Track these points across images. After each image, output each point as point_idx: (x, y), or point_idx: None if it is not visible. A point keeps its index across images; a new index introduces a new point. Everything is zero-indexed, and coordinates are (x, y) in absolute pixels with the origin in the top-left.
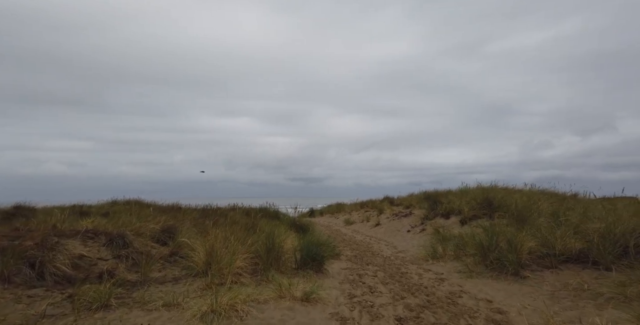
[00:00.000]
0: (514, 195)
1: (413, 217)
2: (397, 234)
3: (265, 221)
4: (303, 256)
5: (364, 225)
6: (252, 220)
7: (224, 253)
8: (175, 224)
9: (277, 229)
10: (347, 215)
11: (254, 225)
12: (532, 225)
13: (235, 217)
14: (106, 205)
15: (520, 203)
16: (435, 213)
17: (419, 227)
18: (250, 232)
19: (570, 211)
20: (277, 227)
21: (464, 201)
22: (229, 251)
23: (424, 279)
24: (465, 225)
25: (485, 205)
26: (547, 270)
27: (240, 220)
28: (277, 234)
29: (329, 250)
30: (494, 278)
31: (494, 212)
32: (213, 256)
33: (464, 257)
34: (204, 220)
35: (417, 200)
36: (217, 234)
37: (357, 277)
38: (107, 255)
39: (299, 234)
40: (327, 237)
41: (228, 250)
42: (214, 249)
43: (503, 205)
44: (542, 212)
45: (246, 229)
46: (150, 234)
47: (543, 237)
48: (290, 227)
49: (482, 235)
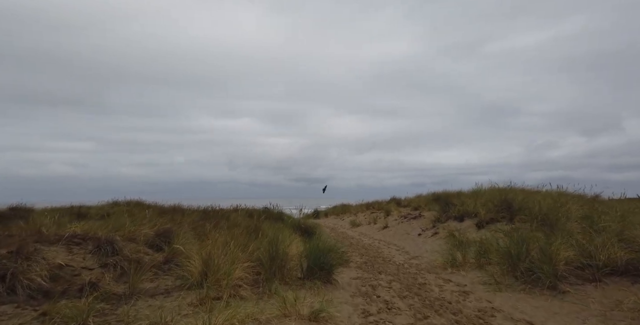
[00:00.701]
0: (536, 197)
1: (423, 219)
2: (407, 237)
3: (269, 224)
4: (310, 265)
5: (370, 227)
6: (255, 222)
7: (222, 261)
8: (172, 227)
9: (281, 232)
10: (352, 216)
11: (256, 228)
12: (562, 230)
13: (237, 219)
14: (106, 207)
15: (545, 206)
16: (447, 215)
17: (431, 230)
18: (252, 237)
19: (604, 215)
20: (282, 230)
21: (479, 203)
22: (227, 259)
23: (446, 292)
24: (482, 229)
25: (503, 208)
26: (589, 284)
27: (242, 222)
28: (282, 239)
29: (338, 256)
30: (526, 292)
31: (514, 215)
32: (210, 265)
33: (488, 266)
34: (204, 223)
35: (426, 201)
36: (216, 239)
37: (370, 289)
38: (93, 263)
39: (304, 238)
40: (334, 242)
41: (227, 258)
42: (211, 257)
43: (524, 207)
44: (570, 216)
45: (248, 232)
46: (145, 239)
47: (580, 246)
48: (295, 230)
49: (506, 241)
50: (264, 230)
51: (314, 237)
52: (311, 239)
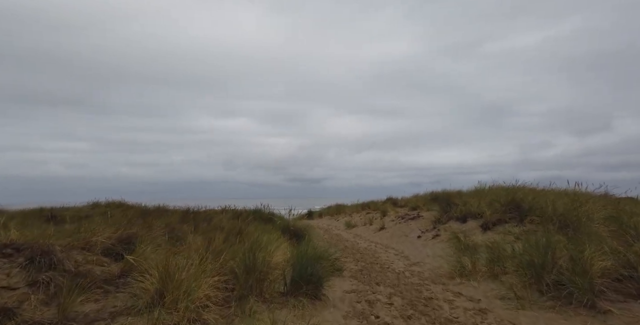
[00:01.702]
0: (547, 196)
1: (422, 220)
2: (405, 240)
3: (257, 226)
4: (294, 277)
5: (366, 228)
6: (240, 225)
7: (186, 276)
8: (139, 232)
9: (267, 236)
10: (347, 217)
11: (240, 231)
12: (589, 234)
13: (222, 221)
14: (85, 208)
15: (561, 205)
16: (448, 216)
17: (431, 232)
18: (233, 241)
19: (636, 216)
20: (268, 233)
21: (483, 203)
22: (194, 272)
23: (459, 310)
24: (488, 231)
25: (511, 208)
26: (635, 301)
27: (227, 225)
28: (265, 244)
29: (329, 264)
30: (557, 311)
31: (524, 216)
32: (168, 281)
33: (503, 276)
34: (182, 226)
35: (424, 201)
36: (189, 245)
37: (366, 307)
38: (20, 281)
39: (293, 242)
40: (326, 248)
41: (195, 270)
42: (170, 270)
43: (535, 208)
44: (592, 217)
45: (231, 236)
46: (102, 247)
47: (617, 253)
48: (284, 233)
49: (520, 246)
50: (249, 234)
51: (304, 241)
52: (301, 243)
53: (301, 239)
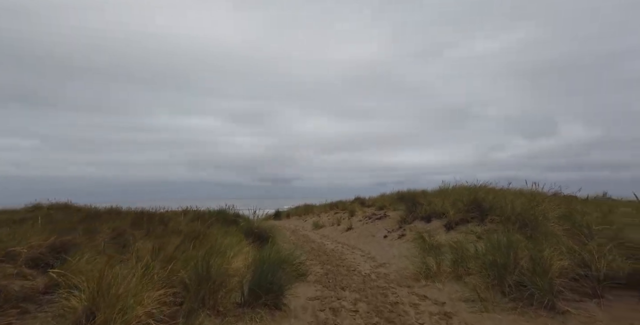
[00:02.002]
0: (507, 196)
1: (388, 220)
2: (372, 240)
3: (219, 228)
4: (253, 286)
5: (334, 229)
6: (199, 228)
7: (124, 290)
8: (76, 238)
9: (228, 239)
10: (316, 217)
11: (199, 235)
12: (546, 233)
13: (180, 224)
14: (23, 211)
15: (519, 205)
16: (414, 216)
17: (397, 231)
18: (191, 246)
19: (587, 215)
20: (231, 236)
21: (447, 202)
22: (137, 285)
23: (424, 315)
24: (451, 230)
25: (473, 208)
26: (590, 301)
27: (185, 228)
28: (224, 249)
29: (293, 269)
30: (519, 312)
31: (485, 215)
32: (101, 298)
33: (467, 277)
34: (132, 231)
35: (390, 201)
36: (136, 251)
37: (330, 316)
38: None
39: (257, 245)
40: (291, 250)
41: (140, 282)
42: (104, 285)
43: (495, 207)
44: (547, 216)
45: (189, 240)
46: (30, 256)
47: (572, 252)
48: (247, 235)
49: (482, 246)
50: (209, 238)
51: (268, 245)
52: (265, 246)
53: (266, 242)
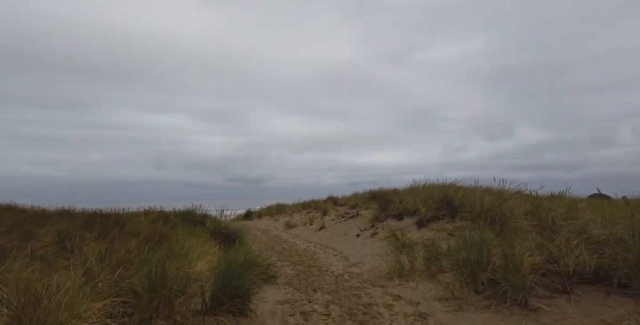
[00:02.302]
0: (475, 193)
1: (361, 218)
2: (345, 239)
3: (184, 229)
4: (215, 292)
5: (306, 228)
6: (161, 229)
7: (61, 301)
8: (10, 242)
9: (193, 241)
10: (288, 217)
11: (161, 236)
12: (515, 229)
13: (139, 225)
14: None
15: (487, 202)
16: (386, 214)
17: (370, 230)
18: (151, 248)
19: (551, 212)
20: (197, 237)
21: (418, 200)
22: (75, 295)
23: (399, 316)
24: (423, 228)
25: (444, 205)
26: (560, 297)
27: (145, 230)
28: (187, 251)
29: (262, 271)
30: (493, 310)
31: (456, 212)
32: (28, 312)
33: (441, 275)
34: (84, 233)
35: (363, 199)
36: (84, 255)
37: (300, 321)
38: None
39: (224, 247)
40: (261, 251)
41: (81, 291)
42: (35, 296)
43: (465, 204)
44: (514, 213)
45: (149, 242)
46: None
47: (541, 247)
48: (214, 236)
49: (453, 242)
50: (172, 239)
51: (235, 246)
52: (233, 248)
53: (234, 243)
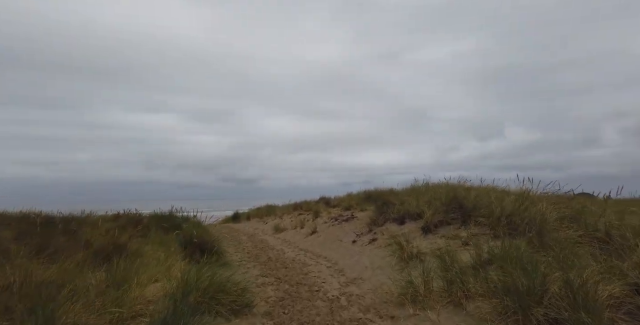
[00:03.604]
0: (492, 194)
1: (357, 221)
2: (339, 246)
3: (155, 236)
4: None
5: (297, 232)
6: (117, 238)
7: None
8: None
9: (160, 252)
10: (278, 219)
11: (117, 248)
12: (554, 240)
13: (96, 233)
14: None
15: (509, 205)
16: (385, 217)
17: (367, 235)
18: (100, 263)
19: (601, 218)
20: (165, 247)
21: (422, 202)
22: None
23: None
24: (430, 234)
25: (454, 208)
26: None
27: (100, 239)
28: (135, 271)
29: (233, 298)
30: None
31: (468, 216)
32: None
33: (469, 303)
34: (19, 244)
35: (357, 200)
36: None
37: None
38: None
39: (197, 258)
40: (236, 268)
41: None
42: None
43: (480, 207)
44: (546, 218)
45: (99, 255)
46: None
47: (612, 271)
48: (185, 246)
49: (489, 257)
50: (134, 250)
51: (208, 259)
52: (203, 262)
53: (210, 254)
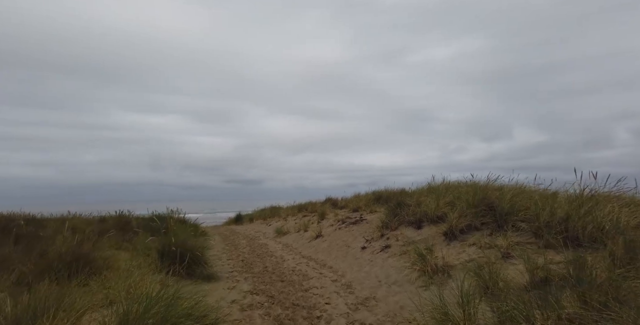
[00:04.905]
0: (533, 195)
1: (366, 224)
2: (346, 253)
3: (138, 241)
4: None
5: (300, 236)
6: (78, 247)
7: None
8: None
9: (135, 261)
10: (282, 221)
11: (77, 259)
12: None
13: (59, 240)
14: None
15: (561, 208)
16: (399, 220)
17: (379, 241)
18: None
19: None
20: (141, 256)
21: (442, 203)
22: None
23: None
24: (455, 240)
25: (484, 210)
26: None
27: (62, 247)
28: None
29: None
30: None
31: (504, 221)
32: None
33: None
34: None
35: (366, 201)
36: None
37: None
38: None
39: (178, 269)
40: (211, 290)
41: None
42: None
43: (518, 210)
44: (620, 225)
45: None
46: None
47: None
48: (163, 256)
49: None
50: (104, 260)
51: (195, 267)
52: (189, 270)
53: (195, 264)
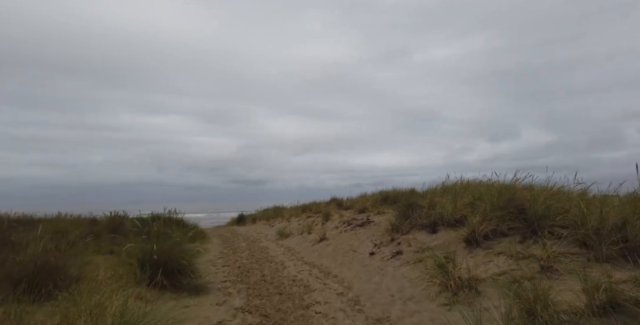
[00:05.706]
0: (573, 198)
1: (373, 227)
2: (353, 258)
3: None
4: None
5: (303, 239)
6: (50, 255)
7: None
8: None
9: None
10: (285, 222)
11: (53, 269)
12: None
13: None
14: None
15: (616, 214)
16: (410, 223)
17: (389, 246)
18: None
19: None
20: (124, 266)
21: (460, 204)
22: None
23: None
24: (478, 248)
25: (512, 214)
26: None
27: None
28: None
29: None
30: None
31: (538, 226)
32: None
33: None
34: None
35: (373, 202)
36: None
37: None
38: None
39: (160, 283)
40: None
41: None
42: None
43: (555, 214)
44: None
45: None
46: None
47: None
48: (144, 266)
49: None
50: (80, 270)
51: (181, 278)
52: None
53: (179, 273)
